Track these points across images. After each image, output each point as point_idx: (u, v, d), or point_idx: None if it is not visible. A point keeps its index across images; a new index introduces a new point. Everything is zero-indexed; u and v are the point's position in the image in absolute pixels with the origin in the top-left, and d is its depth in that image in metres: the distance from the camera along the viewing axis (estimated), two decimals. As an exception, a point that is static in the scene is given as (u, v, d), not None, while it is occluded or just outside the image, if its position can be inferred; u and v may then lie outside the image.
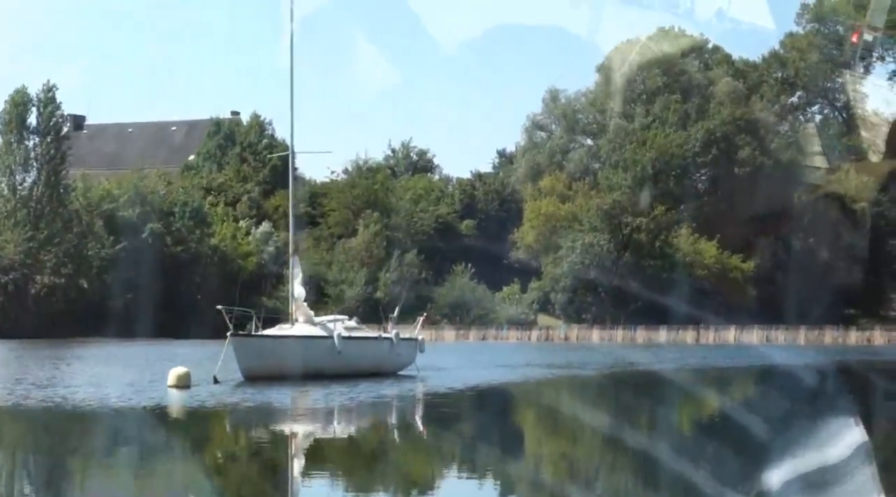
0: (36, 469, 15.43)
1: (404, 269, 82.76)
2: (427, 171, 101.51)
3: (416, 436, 20.80)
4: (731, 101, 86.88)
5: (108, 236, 74.19)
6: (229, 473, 15.51)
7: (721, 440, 18.75)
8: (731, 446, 17.30)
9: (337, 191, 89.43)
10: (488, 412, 25.80)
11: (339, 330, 30.94)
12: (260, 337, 29.88)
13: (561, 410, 26.92)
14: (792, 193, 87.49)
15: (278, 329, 31.13)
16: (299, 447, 18.22)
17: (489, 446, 18.43)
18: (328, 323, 31.65)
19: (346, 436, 20.41)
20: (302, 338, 30.54)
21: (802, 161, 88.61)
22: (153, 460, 16.24)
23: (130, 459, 16.23)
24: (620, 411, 25.32)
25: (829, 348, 61.50)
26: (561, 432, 22.00)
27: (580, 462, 17.16)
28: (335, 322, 31.79)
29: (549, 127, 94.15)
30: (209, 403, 23.81)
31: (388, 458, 17.45)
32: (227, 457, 17.17)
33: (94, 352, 50.77)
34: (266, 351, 29.34)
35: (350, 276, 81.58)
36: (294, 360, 29.23)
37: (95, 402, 23.62)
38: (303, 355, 29.55)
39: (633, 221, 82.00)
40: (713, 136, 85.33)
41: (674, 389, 32.75)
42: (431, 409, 26.16)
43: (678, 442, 18.86)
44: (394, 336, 32.76)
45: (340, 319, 32.59)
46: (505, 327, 78.22)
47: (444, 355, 44.56)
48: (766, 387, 34.16)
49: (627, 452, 17.76)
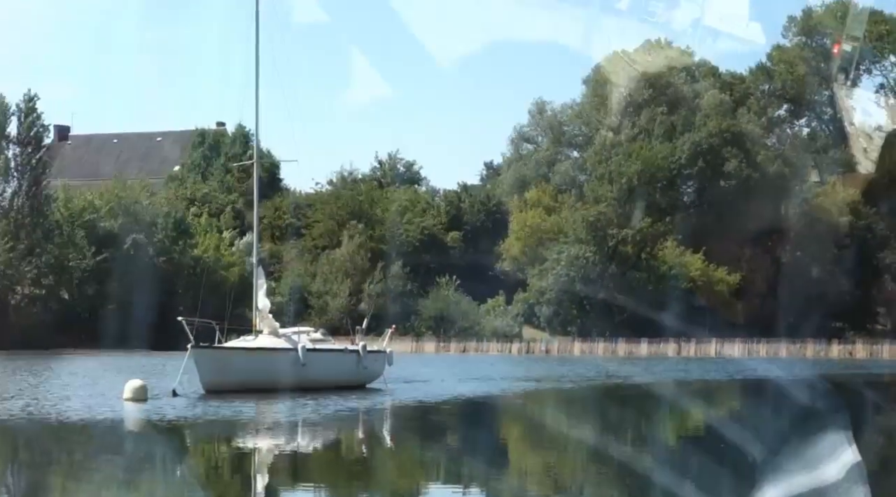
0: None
1: (389, 280, 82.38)
2: (414, 182, 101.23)
3: (382, 449, 20.41)
4: (717, 114, 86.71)
5: (90, 247, 73.70)
6: (171, 492, 15.04)
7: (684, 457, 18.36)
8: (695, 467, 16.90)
9: (322, 202, 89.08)
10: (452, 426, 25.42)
11: (304, 342, 30.45)
12: (221, 349, 29.41)
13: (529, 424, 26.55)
14: (779, 206, 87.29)
15: (242, 341, 30.67)
16: (257, 461, 17.81)
17: (452, 460, 18.10)
18: (293, 335, 31.11)
19: (307, 450, 19.95)
20: (265, 350, 30.05)
21: (789, 174, 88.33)
22: (83, 476, 15.78)
23: (57, 475, 15.76)
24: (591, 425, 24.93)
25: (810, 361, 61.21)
26: (527, 446, 21.62)
27: (545, 476, 16.80)
28: (299, 334, 31.25)
29: (536, 139, 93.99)
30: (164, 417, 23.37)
31: (351, 473, 17.06)
32: (172, 473, 16.70)
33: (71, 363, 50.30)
34: (228, 363, 28.86)
35: (334, 288, 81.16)
36: (257, 373, 28.79)
37: (53, 414, 23.18)
38: (266, 368, 29.10)
39: (618, 234, 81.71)
40: (699, 149, 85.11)
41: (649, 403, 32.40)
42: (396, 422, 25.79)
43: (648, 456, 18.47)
44: (361, 349, 32.26)
45: (305, 331, 32.11)
46: (485, 340, 77.82)
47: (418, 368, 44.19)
48: (738, 399, 33.78)
49: (595, 468, 17.41)
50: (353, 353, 32.29)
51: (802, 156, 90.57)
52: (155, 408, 24.91)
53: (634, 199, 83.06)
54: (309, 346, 30.56)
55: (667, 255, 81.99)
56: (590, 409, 30.53)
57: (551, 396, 34.78)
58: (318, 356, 30.82)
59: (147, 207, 77.02)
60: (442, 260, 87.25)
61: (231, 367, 28.80)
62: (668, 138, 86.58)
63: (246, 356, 29.55)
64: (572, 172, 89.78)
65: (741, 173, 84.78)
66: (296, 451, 19.76)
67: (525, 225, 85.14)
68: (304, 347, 30.16)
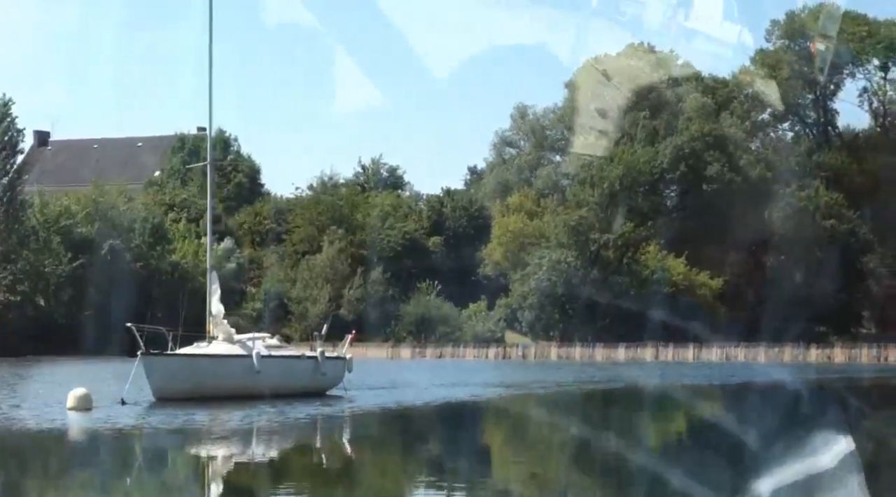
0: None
1: (369, 286, 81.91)
2: (398, 187, 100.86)
3: (338, 457, 19.91)
4: (699, 118, 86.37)
5: (66, 253, 73.12)
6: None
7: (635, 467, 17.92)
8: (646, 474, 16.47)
9: (302, 207, 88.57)
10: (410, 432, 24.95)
11: (259, 348, 29.84)
12: (172, 356, 28.80)
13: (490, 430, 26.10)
14: (762, 210, 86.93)
15: (195, 347, 30.07)
16: (211, 471, 17.29)
17: (408, 467, 17.67)
18: (248, 341, 30.49)
19: (262, 459, 19.40)
20: (218, 357, 29.43)
21: (772, 178, 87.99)
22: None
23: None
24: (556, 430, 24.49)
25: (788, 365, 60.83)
26: (484, 452, 21.13)
27: (500, 484, 16.36)
28: (254, 340, 30.62)
29: (518, 143, 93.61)
30: (108, 425, 22.81)
31: (308, 481, 16.60)
32: (106, 486, 16.14)
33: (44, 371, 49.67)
34: (179, 370, 28.26)
35: (314, 294, 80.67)
36: (209, 381, 28.20)
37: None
38: (218, 375, 28.51)
39: (600, 238, 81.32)
40: (681, 153, 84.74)
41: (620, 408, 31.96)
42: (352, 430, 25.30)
43: (592, 471, 18.05)
44: (319, 355, 31.64)
45: (261, 337, 31.44)
46: (463, 345, 77.35)
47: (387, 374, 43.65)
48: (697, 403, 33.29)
49: (556, 474, 17.01)
50: (310, 359, 31.67)
51: (786, 160, 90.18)
52: (99, 417, 24.34)
53: (617, 203, 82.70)
54: (264, 352, 29.96)
55: (649, 259, 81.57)
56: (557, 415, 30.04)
57: (518, 402, 34.27)
58: (273, 363, 30.23)
59: (124, 213, 76.44)
60: (424, 265, 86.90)
61: (182, 375, 28.21)
62: (651, 142, 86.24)
63: (197, 363, 28.96)
64: (554, 177, 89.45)
65: (723, 177, 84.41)
66: (251, 460, 19.23)
67: (507, 230, 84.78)
68: (259, 354, 29.55)
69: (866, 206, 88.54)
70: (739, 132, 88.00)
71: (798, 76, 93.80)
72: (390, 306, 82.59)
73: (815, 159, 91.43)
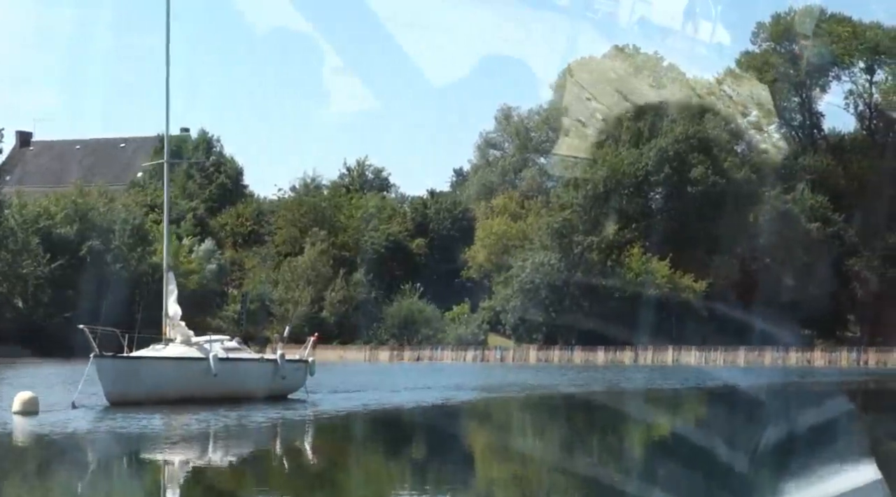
0: None
1: (351, 288, 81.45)
2: (383, 189, 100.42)
3: (297, 462, 19.54)
4: (683, 120, 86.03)
5: (45, 254, 72.64)
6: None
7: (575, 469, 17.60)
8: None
9: (284, 208, 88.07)
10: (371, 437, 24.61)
11: (217, 351, 29.35)
12: (126, 358, 28.31)
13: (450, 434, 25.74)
14: (747, 213, 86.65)
15: (150, 350, 29.60)
16: (147, 477, 16.92)
17: (366, 473, 17.29)
18: (205, 344, 29.97)
19: (221, 464, 19.01)
20: (173, 359, 28.92)
21: (757, 180, 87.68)
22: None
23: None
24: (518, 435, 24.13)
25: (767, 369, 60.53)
26: (440, 457, 20.78)
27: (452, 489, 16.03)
28: (211, 343, 30.09)
29: (502, 145, 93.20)
30: (53, 430, 22.40)
31: (265, 487, 16.21)
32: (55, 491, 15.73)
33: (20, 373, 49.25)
34: (133, 373, 27.79)
35: (295, 296, 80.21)
36: (164, 384, 27.73)
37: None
38: (174, 378, 28.04)
39: (584, 240, 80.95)
40: (666, 155, 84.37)
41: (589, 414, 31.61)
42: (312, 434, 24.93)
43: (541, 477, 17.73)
44: (279, 358, 31.10)
45: (219, 340, 30.91)
46: (440, 348, 76.90)
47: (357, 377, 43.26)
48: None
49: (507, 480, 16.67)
50: (269, 362, 31.14)
51: (771, 162, 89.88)
52: (46, 421, 23.92)
53: (601, 205, 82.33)
54: (222, 355, 29.46)
55: (633, 262, 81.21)
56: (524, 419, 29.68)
57: (485, 406, 33.87)
58: (231, 366, 29.72)
59: (104, 214, 75.94)
60: (407, 267, 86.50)
61: (136, 378, 27.75)
62: (635, 145, 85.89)
63: (152, 366, 28.47)
64: (539, 179, 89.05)
65: (708, 180, 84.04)
66: (209, 465, 18.83)
67: (491, 232, 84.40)
68: (216, 356, 29.06)
69: (852, 209, 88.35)
70: (724, 134, 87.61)
71: (784, 79, 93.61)
72: (373, 309, 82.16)
73: (800, 162, 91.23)
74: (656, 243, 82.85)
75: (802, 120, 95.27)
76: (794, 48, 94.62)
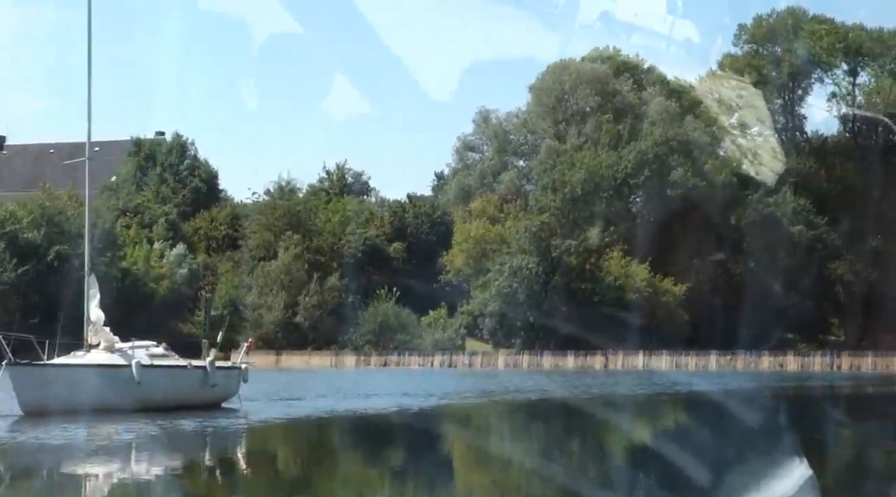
0: None
1: (326, 292, 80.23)
2: (363, 193, 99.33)
3: (222, 475, 18.35)
4: (663, 122, 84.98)
5: (11, 259, 71.38)
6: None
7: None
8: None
9: (258, 212, 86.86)
10: (302, 447, 23.42)
11: (141, 358, 27.89)
12: (42, 366, 26.73)
13: (383, 445, 24.51)
14: (728, 216, 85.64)
15: (70, 357, 28.10)
16: (60, 491, 15.76)
17: (284, 485, 16.40)
18: (129, 350, 28.44)
19: (146, 477, 17.79)
20: (93, 367, 27.34)
21: (738, 183, 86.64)
22: None
23: None
24: (461, 445, 22.97)
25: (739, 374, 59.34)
26: (365, 469, 19.62)
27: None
28: (135, 349, 28.54)
29: (481, 148, 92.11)
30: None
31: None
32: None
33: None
34: (50, 382, 26.21)
35: (269, 301, 79.01)
36: (84, 393, 26.17)
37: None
38: (94, 387, 26.51)
39: (562, 244, 79.84)
40: (645, 157, 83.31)
41: (528, 421, 30.44)
42: (242, 445, 23.68)
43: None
44: (208, 364, 29.56)
45: (144, 346, 29.28)
46: (408, 354, 75.66)
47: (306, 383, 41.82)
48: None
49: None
50: (198, 369, 29.59)
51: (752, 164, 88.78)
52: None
53: (579, 208, 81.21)
54: (146, 361, 27.99)
55: (612, 265, 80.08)
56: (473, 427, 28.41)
57: (424, 414, 32.17)
58: (156, 373, 28.15)
59: (72, 218, 74.67)
60: (385, 271, 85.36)
61: (53, 386, 26.13)
62: (615, 147, 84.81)
63: (69, 374, 26.83)
64: (518, 182, 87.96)
65: (687, 182, 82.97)
66: (132, 478, 17.61)
67: (469, 235, 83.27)
68: (140, 363, 27.61)
69: (835, 213, 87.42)
70: (703, 136, 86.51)
71: (766, 81, 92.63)
72: (349, 313, 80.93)
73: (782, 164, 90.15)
74: (636, 247, 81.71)
75: (785, 123, 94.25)
76: (777, 50, 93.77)
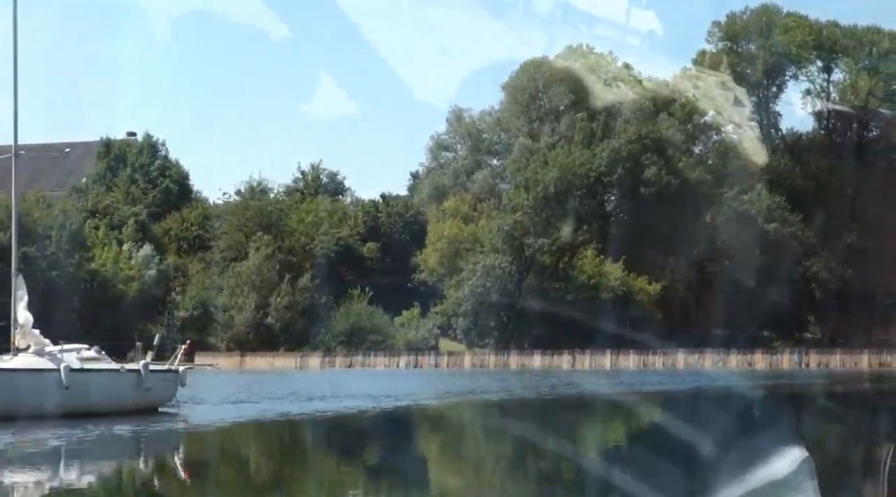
0: None
1: (297, 293, 79.58)
2: (338, 193, 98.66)
3: (157, 482, 17.76)
4: (637, 120, 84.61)
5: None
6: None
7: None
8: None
9: (229, 213, 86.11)
10: (234, 452, 22.81)
11: (70, 362, 27.02)
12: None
13: (322, 449, 23.92)
14: (702, 214, 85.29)
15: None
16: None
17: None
18: (58, 353, 27.26)
19: (79, 485, 17.16)
20: (17, 371, 26.27)
21: (712, 181, 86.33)
22: None
23: None
24: (399, 448, 22.39)
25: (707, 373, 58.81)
26: (303, 473, 19.08)
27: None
28: (64, 352, 27.57)
29: (454, 147, 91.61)
30: None
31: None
32: None
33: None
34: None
35: (240, 302, 78.33)
36: (8, 397, 25.39)
37: None
38: (19, 392, 25.63)
39: (535, 243, 79.38)
40: (619, 156, 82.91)
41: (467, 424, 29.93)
42: (175, 450, 23.04)
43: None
44: (141, 368, 28.63)
45: (74, 349, 28.28)
46: (373, 354, 74.98)
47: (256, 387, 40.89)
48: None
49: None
50: (131, 373, 28.65)
51: (727, 162, 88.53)
52: None
53: (552, 207, 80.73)
54: (76, 365, 27.13)
55: (586, 264, 79.63)
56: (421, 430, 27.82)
57: (370, 416, 31.36)
58: (85, 377, 27.13)
59: (39, 220, 73.89)
60: (358, 272, 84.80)
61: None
62: (588, 145, 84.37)
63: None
64: (491, 181, 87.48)
65: (661, 180, 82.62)
66: (62, 486, 16.96)
67: (442, 235, 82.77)
68: (68, 367, 26.68)
69: (810, 210, 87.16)
70: (677, 134, 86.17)
71: (741, 78, 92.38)
72: (321, 314, 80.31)
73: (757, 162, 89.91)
74: (610, 245, 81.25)
75: (759, 120, 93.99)
76: (751, 47, 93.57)
